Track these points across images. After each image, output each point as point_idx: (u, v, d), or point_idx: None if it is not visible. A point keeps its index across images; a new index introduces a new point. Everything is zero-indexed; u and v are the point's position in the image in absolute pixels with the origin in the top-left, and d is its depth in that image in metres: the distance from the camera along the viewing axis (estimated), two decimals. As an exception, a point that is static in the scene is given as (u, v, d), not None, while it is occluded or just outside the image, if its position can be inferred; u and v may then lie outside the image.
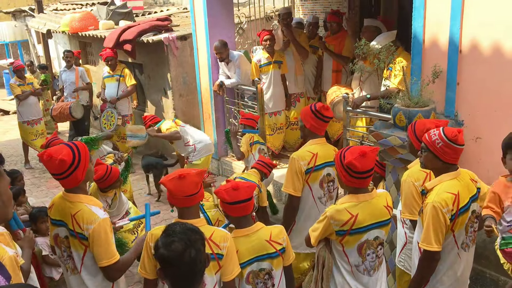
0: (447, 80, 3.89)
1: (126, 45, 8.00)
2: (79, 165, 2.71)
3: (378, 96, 4.82)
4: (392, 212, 2.95)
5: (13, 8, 15.45)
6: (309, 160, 3.66)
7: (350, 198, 2.87)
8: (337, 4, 8.25)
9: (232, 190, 2.78)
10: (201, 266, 2.04)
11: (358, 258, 2.89)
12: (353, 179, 2.80)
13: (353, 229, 2.80)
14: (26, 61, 11.40)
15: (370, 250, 2.89)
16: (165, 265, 2.01)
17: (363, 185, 2.85)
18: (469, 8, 3.67)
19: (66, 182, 2.75)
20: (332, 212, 2.83)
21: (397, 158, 3.92)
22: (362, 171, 2.76)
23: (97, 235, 2.68)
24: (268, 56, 6.45)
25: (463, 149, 2.80)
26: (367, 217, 2.82)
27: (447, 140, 2.75)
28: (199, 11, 6.85)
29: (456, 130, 2.78)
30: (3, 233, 2.61)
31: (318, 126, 3.72)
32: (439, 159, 2.80)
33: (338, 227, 2.81)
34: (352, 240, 2.84)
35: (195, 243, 2.01)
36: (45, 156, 2.67)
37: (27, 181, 7.82)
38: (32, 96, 8.60)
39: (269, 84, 6.50)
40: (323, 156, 3.70)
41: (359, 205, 2.83)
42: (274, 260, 2.87)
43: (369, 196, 2.86)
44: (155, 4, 14.05)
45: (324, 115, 3.69)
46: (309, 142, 3.78)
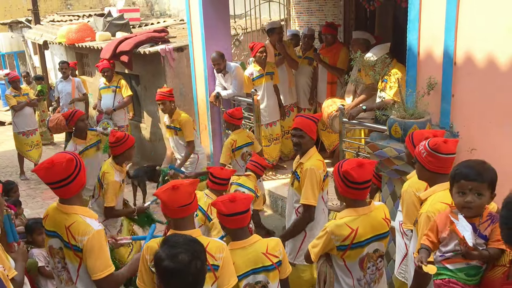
0: (442, 92, 3.92)
1: (122, 56, 8.03)
2: (82, 166, 2.73)
3: (374, 108, 4.85)
4: (390, 223, 2.95)
5: (10, 19, 15.48)
6: (323, 168, 3.75)
7: (349, 212, 2.85)
8: (332, 16, 8.31)
9: (229, 202, 2.77)
10: (203, 277, 2.05)
11: (360, 272, 2.88)
12: (350, 190, 2.80)
13: (354, 243, 2.79)
14: (22, 72, 11.42)
15: (370, 263, 2.89)
16: (169, 277, 1.98)
17: (360, 197, 2.84)
18: (463, 21, 3.71)
19: (69, 189, 2.70)
20: (332, 227, 2.81)
21: (393, 169, 3.93)
22: (358, 181, 2.76)
23: (90, 247, 2.65)
24: (260, 68, 6.48)
25: (450, 158, 2.79)
26: (367, 231, 2.82)
27: (429, 149, 2.76)
28: (195, 22, 6.89)
29: (442, 140, 2.79)
30: None
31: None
32: (425, 168, 2.81)
33: (339, 242, 2.80)
34: (353, 254, 2.84)
35: (200, 254, 2.02)
36: (47, 164, 2.63)
37: (22, 192, 7.78)
38: (28, 107, 8.58)
39: (263, 96, 6.53)
40: None
41: (359, 219, 2.82)
42: (270, 273, 2.85)
43: (367, 209, 2.86)
44: (151, 15, 14.13)
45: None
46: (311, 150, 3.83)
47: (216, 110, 7.05)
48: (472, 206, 2.40)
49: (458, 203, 2.46)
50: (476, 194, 2.40)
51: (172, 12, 13.62)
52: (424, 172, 2.84)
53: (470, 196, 2.40)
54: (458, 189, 2.46)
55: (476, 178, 2.41)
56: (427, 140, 2.84)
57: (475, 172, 2.42)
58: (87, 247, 2.65)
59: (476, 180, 2.41)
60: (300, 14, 8.99)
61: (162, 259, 1.99)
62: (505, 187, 3.72)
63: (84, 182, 2.77)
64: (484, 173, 2.44)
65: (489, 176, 2.45)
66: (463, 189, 2.42)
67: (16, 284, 2.68)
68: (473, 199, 2.40)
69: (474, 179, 2.41)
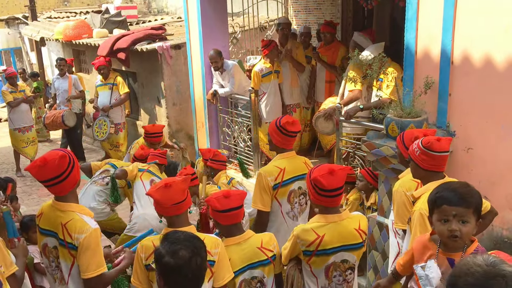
0: (439, 91, 3.93)
1: (120, 54, 8.02)
2: (76, 163, 2.70)
3: (371, 107, 4.86)
4: (366, 235, 2.90)
5: (7, 16, 15.40)
6: (276, 175, 3.55)
7: (319, 218, 2.82)
8: (330, 15, 8.33)
9: (223, 198, 2.79)
10: (204, 273, 2.05)
11: (325, 280, 2.84)
12: (320, 197, 2.76)
13: (319, 250, 2.76)
14: (18, 68, 11.37)
15: (336, 272, 2.84)
16: (170, 273, 1.98)
17: (331, 205, 2.80)
18: (461, 20, 3.72)
19: (64, 186, 2.67)
20: (299, 231, 2.79)
21: (390, 168, 3.94)
22: (328, 189, 2.71)
23: (86, 245, 2.63)
24: (270, 65, 6.43)
25: (444, 156, 2.78)
26: (334, 239, 2.76)
27: (422, 147, 2.76)
28: (193, 20, 6.88)
29: (435, 138, 2.77)
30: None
31: (284, 141, 3.63)
32: (419, 167, 2.81)
33: (304, 247, 2.77)
34: (319, 261, 2.80)
35: (200, 250, 2.02)
36: (39, 162, 2.61)
37: (18, 189, 7.72)
38: (24, 104, 8.55)
39: (269, 93, 6.50)
40: (292, 170, 3.61)
41: (327, 226, 2.77)
42: (266, 268, 2.87)
43: (338, 217, 2.81)
44: (149, 13, 14.10)
45: (288, 130, 3.58)
46: (277, 156, 3.72)
47: (213, 108, 7.04)
48: (458, 235, 2.14)
49: (440, 232, 2.20)
50: (460, 221, 2.15)
51: (169, 10, 13.59)
52: (419, 170, 2.84)
53: (455, 223, 2.15)
54: (440, 215, 2.19)
55: (460, 203, 2.14)
56: (420, 138, 2.85)
57: (459, 196, 2.16)
58: (83, 245, 2.63)
59: (460, 205, 2.14)
60: (298, 12, 8.99)
61: (163, 256, 1.99)
62: (501, 187, 3.75)
63: (77, 179, 2.74)
64: (469, 197, 2.17)
65: (475, 200, 2.18)
66: (446, 216, 2.16)
67: (17, 279, 2.69)
68: (458, 227, 2.14)
69: (459, 204, 2.14)
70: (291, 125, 3.60)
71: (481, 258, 1.52)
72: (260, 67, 6.46)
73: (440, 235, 2.24)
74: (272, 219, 3.64)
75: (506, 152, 3.69)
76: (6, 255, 2.67)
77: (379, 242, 4.18)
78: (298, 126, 3.66)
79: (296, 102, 6.89)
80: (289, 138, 3.63)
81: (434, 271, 2.12)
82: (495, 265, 1.48)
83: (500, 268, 1.47)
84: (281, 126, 3.58)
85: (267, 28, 8.68)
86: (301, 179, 3.63)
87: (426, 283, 2.12)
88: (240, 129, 6.71)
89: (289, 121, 3.61)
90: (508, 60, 3.52)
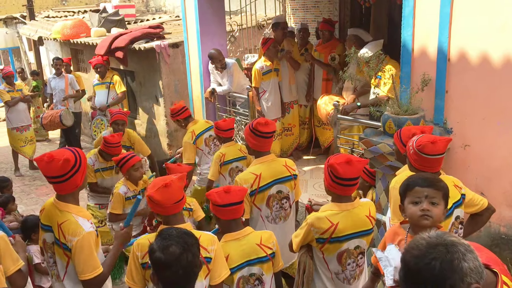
0: (436, 88, 3.94)
1: (117, 52, 8.01)
2: (80, 168, 2.69)
3: (368, 104, 4.86)
4: (375, 221, 2.94)
5: (5, 15, 15.40)
6: (252, 182, 3.48)
7: (332, 207, 2.86)
8: (327, 13, 8.32)
9: (224, 193, 2.79)
10: (196, 270, 2.05)
11: (338, 266, 2.88)
12: (335, 185, 2.79)
13: (333, 238, 2.80)
14: (17, 68, 11.36)
15: (350, 260, 2.88)
16: (161, 269, 1.99)
17: (345, 193, 2.83)
18: (458, 18, 3.72)
19: (63, 187, 2.69)
20: (313, 219, 2.82)
21: (387, 165, 3.95)
22: (343, 177, 2.74)
23: (79, 248, 2.63)
24: (270, 64, 6.42)
25: (436, 158, 2.75)
26: (347, 226, 2.81)
27: (415, 148, 2.76)
28: (191, 19, 6.88)
29: (430, 140, 2.74)
30: (3, 236, 2.70)
31: (259, 143, 3.56)
32: (411, 165, 2.83)
33: (318, 234, 2.81)
34: (332, 248, 2.84)
35: (191, 247, 2.02)
36: (46, 158, 2.63)
37: (17, 188, 7.76)
38: (21, 103, 8.54)
39: (270, 91, 6.50)
40: (269, 175, 3.53)
41: (341, 214, 2.81)
42: (265, 265, 2.88)
43: (351, 205, 2.85)
44: (147, 12, 14.08)
45: (262, 131, 3.52)
46: (254, 161, 3.66)
47: (212, 106, 7.04)
48: (430, 214, 2.27)
49: (412, 213, 2.31)
50: (431, 203, 2.28)
51: (167, 9, 13.58)
52: (411, 167, 2.87)
53: (426, 203, 2.28)
54: (411, 198, 2.33)
55: (431, 185, 2.30)
56: (417, 137, 2.84)
57: (430, 180, 2.33)
58: (76, 248, 2.63)
59: (431, 187, 2.30)
60: (296, 10, 8.99)
61: (154, 251, 2.01)
62: (498, 183, 3.76)
63: (79, 184, 2.73)
64: (438, 182, 2.34)
65: (444, 186, 2.34)
66: (418, 196, 2.30)
67: (23, 273, 2.74)
68: (429, 207, 2.27)
69: (430, 185, 2.30)
70: (264, 126, 3.54)
71: (427, 233, 1.56)
72: (260, 65, 6.46)
73: (411, 217, 2.35)
74: (252, 224, 3.57)
75: (503, 149, 3.70)
76: (13, 251, 2.72)
77: (376, 239, 4.19)
78: (271, 126, 3.58)
79: (294, 99, 6.91)
80: (264, 139, 3.55)
81: (394, 253, 2.19)
82: (438, 236, 1.51)
83: (443, 237, 1.50)
84: (254, 128, 3.54)
85: (265, 26, 8.67)
86: (280, 182, 3.57)
87: (386, 263, 2.18)
88: (239, 127, 6.72)
89: (261, 122, 3.56)
90: (505, 57, 3.53)
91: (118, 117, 5.60)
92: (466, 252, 1.46)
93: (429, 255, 1.47)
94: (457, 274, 1.43)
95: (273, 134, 3.61)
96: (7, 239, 2.72)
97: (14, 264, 2.67)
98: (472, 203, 2.99)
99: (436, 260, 1.45)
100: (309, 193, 5.91)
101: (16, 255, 2.73)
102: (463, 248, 1.46)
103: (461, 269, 1.43)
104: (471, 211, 3.04)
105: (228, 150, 4.80)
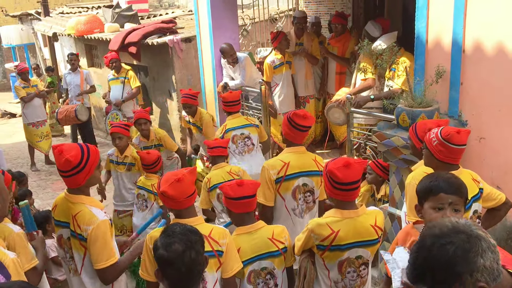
0: (450, 80, 3.88)
1: (131, 48, 8.04)
2: (83, 170, 2.68)
3: (382, 97, 4.81)
4: (381, 232, 2.84)
5: (20, 12, 15.57)
6: (279, 169, 3.45)
7: (335, 213, 2.77)
8: (341, 5, 8.25)
9: (237, 186, 2.79)
10: (200, 267, 2.04)
11: (338, 275, 2.80)
12: (335, 190, 2.71)
13: (333, 245, 2.71)
14: (32, 64, 11.49)
15: (350, 268, 2.79)
16: (164, 266, 2.00)
17: (347, 199, 2.75)
18: (472, 8, 3.66)
19: (68, 181, 2.75)
20: (314, 225, 2.75)
21: (401, 159, 3.91)
22: (343, 182, 2.66)
23: (94, 237, 2.67)
24: (281, 57, 6.43)
25: (461, 149, 2.75)
26: (349, 235, 2.71)
27: (441, 139, 2.72)
28: (203, 13, 6.87)
29: (455, 130, 2.73)
30: (20, 233, 2.72)
31: (293, 134, 3.53)
32: (434, 157, 2.78)
33: (318, 241, 2.73)
34: (332, 256, 2.76)
35: (195, 244, 2.01)
36: (57, 150, 2.67)
37: (33, 183, 7.87)
38: (37, 98, 8.64)
39: (282, 85, 6.51)
40: (297, 165, 3.49)
41: (343, 221, 2.72)
42: (276, 259, 2.86)
43: (354, 213, 2.75)
44: (160, 6, 14.11)
45: (298, 123, 3.48)
46: (284, 150, 3.64)
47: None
48: None
49: (434, 219, 2.17)
50: (454, 209, 2.23)
51: (180, 3, 13.59)
52: (433, 160, 2.81)
53: (449, 211, 2.22)
54: (434, 203, 2.26)
55: (456, 192, 2.24)
56: (438, 129, 2.80)
57: (455, 186, 2.26)
58: (91, 237, 2.67)
59: (456, 194, 2.23)
60: (309, 3, 8.93)
61: (158, 248, 2.02)
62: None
63: (81, 183, 2.73)
64: (463, 188, 2.27)
65: (466, 191, 2.29)
66: (442, 203, 2.24)
67: (37, 272, 2.75)
68: (452, 214, 2.21)
69: (455, 193, 2.23)
70: (302, 118, 3.49)
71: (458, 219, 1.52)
72: (271, 58, 6.46)
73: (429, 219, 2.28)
74: (276, 215, 3.57)
75: (519, 142, 3.63)
76: (28, 249, 2.74)
77: (390, 233, 4.16)
78: (310, 120, 3.53)
79: (310, 94, 6.89)
80: (299, 132, 3.52)
81: (402, 255, 2.16)
82: (466, 225, 1.47)
83: (470, 228, 1.46)
84: (291, 119, 3.51)
85: (277, 20, 8.63)
86: (307, 175, 3.53)
87: (393, 266, 2.15)
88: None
89: (299, 114, 3.51)
90: (521, 47, 3.46)
91: (139, 115, 5.59)
92: (488, 250, 1.41)
93: (448, 238, 1.43)
94: (469, 266, 1.39)
95: (309, 128, 3.54)
96: (23, 237, 2.75)
97: (28, 262, 2.69)
98: (490, 197, 2.95)
99: (452, 244, 1.41)
100: (322, 186, 5.88)
101: (32, 254, 2.75)
102: (486, 245, 1.42)
103: (474, 263, 1.39)
104: (488, 206, 3.00)
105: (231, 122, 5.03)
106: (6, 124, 13.30)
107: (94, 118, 9.53)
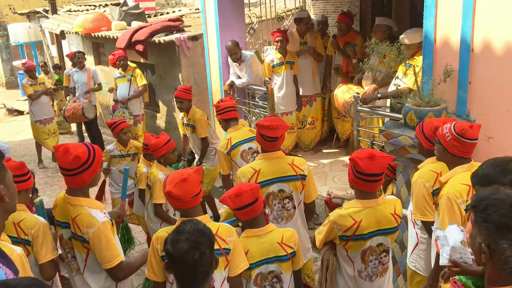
0: (458, 79, 3.85)
1: (138, 46, 8.05)
2: (90, 167, 2.68)
3: (389, 96, 4.79)
4: (400, 219, 2.90)
5: (28, 10, 15.63)
6: (249, 177, 3.39)
7: (355, 203, 2.83)
8: (348, 4, 8.21)
9: (235, 196, 2.76)
10: (205, 269, 2.03)
11: (361, 264, 2.87)
12: (357, 180, 2.77)
13: (356, 235, 2.78)
14: (40, 61, 11.52)
15: (372, 257, 2.86)
16: (172, 261, 2.04)
17: (368, 189, 2.80)
18: (481, 6, 3.63)
19: (72, 181, 2.71)
20: (336, 216, 2.80)
21: (408, 158, 3.89)
22: (365, 172, 2.71)
23: (97, 239, 2.66)
24: (281, 56, 6.45)
25: (474, 143, 2.80)
26: (371, 224, 2.78)
27: (455, 134, 2.77)
28: (210, 11, 6.86)
29: (468, 125, 2.78)
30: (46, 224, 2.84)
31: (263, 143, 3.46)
32: (448, 152, 2.82)
33: (341, 232, 2.79)
34: (355, 245, 2.82)
35: (200, 245, 2.00)
36: (62, 149, 2.66)
37: (40, 180, 7.91)
38: (44, 96, 8.69)
39: (281, 84, 6.51)
40: (270, 172, 3.41)
41: (364, 211, 2.79)
42: (284, 264, 2.85)
43: (374, 202, 2.81)
44: (167, 5, 14.12)
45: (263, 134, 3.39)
46: (258, 156, 3.58)
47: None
48: None
49: None
50: None
51: (187, 1, 13.59)
52: (446, 154, 2.85)
53: None
54: None
55: None
56: (450, 124, 2.85)
57: None
58: (94, 240, 2.67)
59: None
60: (316, 1, 8.89)
61: (166, 242, 2.05)
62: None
63: (86, 182, 2.72)
64: None
65: None
66: None
67: (55, 263, 2.91)
68: None
69: None
70: (267, 129, 3.38)
71: None
72: (271, 57, 6.51)
73: None
74: None
75: (528, 141, 3.60)
76: (51, 241, 2.85)
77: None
78: (277, 131, 3.39)
79: (317, 92, 6.90)
80: (266, 142, 3.43)
81: (455, 232, 2.16)
82: None
83: None
84: (260, 128, 3.43)
85: (284, 18, 8.61)
86: (283, 181, 3.44)
87: (444, 242, 2.16)
88: (258, 119, 6.70)
89: (264, 125, 3.40)
90: (531, 46, 3.43)
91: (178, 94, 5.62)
92: None
93: None
94: None
95: (277, 139, 3.42)
96: (48, 228, 2.83)
97: (50, 253, 2.80)
98: None
99: None
100: (329, 186, 5.87)
101: (53, 245, 2.84)
102: None
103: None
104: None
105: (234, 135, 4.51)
106: (14, 122, 13.37)
107: (101, 116, 9.53)
